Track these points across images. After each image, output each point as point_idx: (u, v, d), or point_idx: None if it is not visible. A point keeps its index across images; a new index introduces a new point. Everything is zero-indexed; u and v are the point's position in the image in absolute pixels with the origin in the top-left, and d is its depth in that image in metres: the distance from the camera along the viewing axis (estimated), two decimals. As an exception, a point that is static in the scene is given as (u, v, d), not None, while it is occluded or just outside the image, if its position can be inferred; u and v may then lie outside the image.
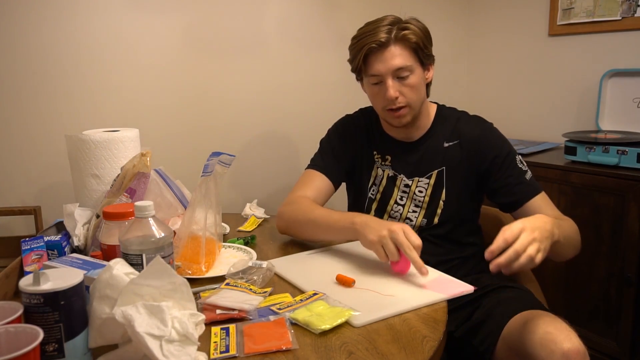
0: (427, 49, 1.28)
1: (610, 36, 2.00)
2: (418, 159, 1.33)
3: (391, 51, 1.22)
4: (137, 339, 0.68)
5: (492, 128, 1.34)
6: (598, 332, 1.75)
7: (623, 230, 1.64)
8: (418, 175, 1.32)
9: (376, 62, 1.24)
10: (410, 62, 1.23)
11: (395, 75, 1.23)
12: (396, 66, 1.22)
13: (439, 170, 1.31)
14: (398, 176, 1.34)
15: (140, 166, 1.18)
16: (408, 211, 1.33)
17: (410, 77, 1.24)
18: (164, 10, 1.84)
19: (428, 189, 1.31)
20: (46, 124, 1.71)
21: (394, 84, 1.23)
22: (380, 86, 1.26)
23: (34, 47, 1.66)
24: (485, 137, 1.30)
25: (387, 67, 1.22)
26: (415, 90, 1.25)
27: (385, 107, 1.27)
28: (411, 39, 1.23)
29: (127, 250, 0.87)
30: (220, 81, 1.98)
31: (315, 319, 0.86)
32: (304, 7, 2.09)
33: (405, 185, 1.33)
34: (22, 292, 0.69)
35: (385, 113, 1.29)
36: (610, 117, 1.99)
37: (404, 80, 1.24)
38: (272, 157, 2.11)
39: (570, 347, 0.93)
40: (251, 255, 1.19)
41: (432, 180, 1.31)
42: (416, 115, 1.29)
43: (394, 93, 1.23)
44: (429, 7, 2.37)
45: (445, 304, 0.95)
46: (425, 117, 1.34)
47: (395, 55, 1.22)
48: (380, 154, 1.37)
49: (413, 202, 1.32)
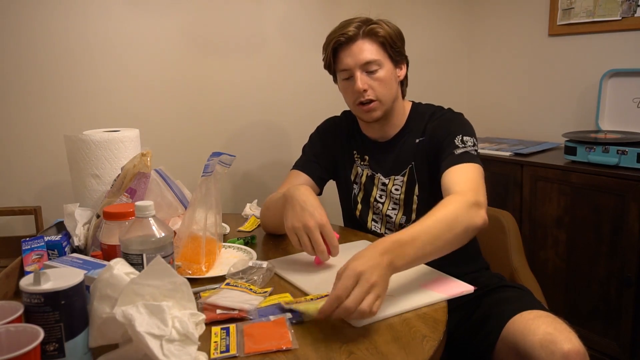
0: (397, 45, 1.28)
1: (610, 36, 2.00)
2: (393, 157, 1.35)
3: (359, 45, 1.25)
4: (137, 338, 0.68)
5: (449, 117, 1.31)
6: (598, 332, 1.75)
7: (623, 230, 1.65)
8: (394, 173, 1.34)
9: (345, 56, 1.26)
10: (378, 57, 1.25)
11: (364, 69, 1.25)
12: (364, 59, 1.24)
13: (410, 166, 1.32)
14: (375, 175, 1.36)
15: (140, 166, 1.18)
16: (388, 208, 1.35)
17: (379, 72, 1.26)
18: (164, 10, 1.84)
19: (403, 187, 1.33)
20: (46, 124, 1.71)
21: (362, 77, 1.25)
22: (350, 81, 1.28)
23: (33, 47, 1.66)
24: (437, 125, 1.30)
25: (355, 61, 1.25)
26: (384, 84, 1.27)
27: (355, 102, 1.29)
28: (379, 33, 1.25)
29: (128, 250, 0.87)
30: (221, 81, 1.98)
31: (313, 304, 0.86)
32: (304, 7, 2.09)
33: (382, 183, 1.35)
34: (23, 291, 0.69)
35: (356, 108, 1.31)
36: (610, 117, 1.99)
37: (372, 74, 1.25)
38: (272, 157, 2.11)
39: (570, 347, 0.93)
40: (251, 255, 1.19)
41: (406, 177, 1.33)
42: (388, 111, 1.30)
43: (362, 85, 1.25)
44: (429, 7, 2.37)
45: (445, 304, 0.95)
46: (399, 115, 1.35)
47: (364, 50, 1.24)
48: (359, 153, 1.40)
49: (391, 200, 1.34)
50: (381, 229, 1.37)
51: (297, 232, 1.07)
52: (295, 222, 1.07)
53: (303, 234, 1.05)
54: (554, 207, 1.84)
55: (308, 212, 1.06)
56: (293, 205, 1.09)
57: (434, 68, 2.45)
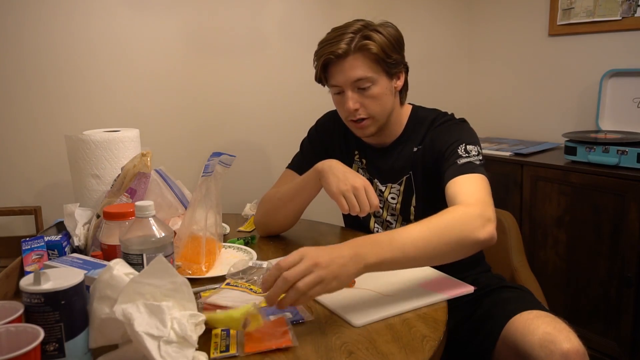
0: (392, 58, 1.19)
1: (610, 36, 2.00)
2: (390, 165, 1.30)
3: (350, 62, 1.17)
4: (135, 338, 0.68)
5: (450, 124, 1.25)
6: (598, 332, 1.75)
7: (623, 230, 1.65)
8: (391, 181, 1.31)
9: (335, 73, 1.20)
10: (370, 74, 1.18)
11: (356, 87, 1.19)
12: (355, 77, 1.17)
13: (407, 176, 1.28)
14: (373, 181, 1.33)
15: (140, 166, 1.19)
16: (387, 217, 1.32)
17: (371, 88, 1.19)
18: (164, 10, 1.84)
19: (399, 196, 1.29)
20: (46, 124, 1.71)
21: (354, 95, 1.19)
22: (342, 96, 1.22)
23: (33, 48, 1.66)
24: (438, 133, 1.24)
25: (346, 78, 1.18)
26: (377, 101, 1.20)
27: (347, 118, 1.25)
28: (371, 49, 1.16)
29: (128, 250, 0.87)
30: (221, 81, 1.98)
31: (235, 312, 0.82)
32: (304, 7, 2.09)
33: (380, 190, 1.32)
34: (23, 291, 0.69)
35: (349, 123, 1.27)
36: (610, 117, 1.99)
37: (365, 91, 1.19)
38: (272, 157, 2.11)
39: (569, 347, 0.93)
40: (251, 255, 1.19)
41: (402, 187, 1.29)
42: (382, 126, 1.25)
43: (353, 105, 1.19)
44: (429, 7, 2.37)
45: (445, 304, 0.95)
46: (396, 123, 1.29)
47: (355, 67, 1.17)
48: (359, 154, 1.37)
49: (389, 210, 1.31)
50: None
51: (345, 194, 1.09)
52: (342, 185, 1.10)
53: (351, 195, 1.09)
54: (554, 207, 1.83)
55: (352, 175, 1.12)
56: (334, 173, 1.13)
57: (434, 68, 2.45)
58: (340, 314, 0.90)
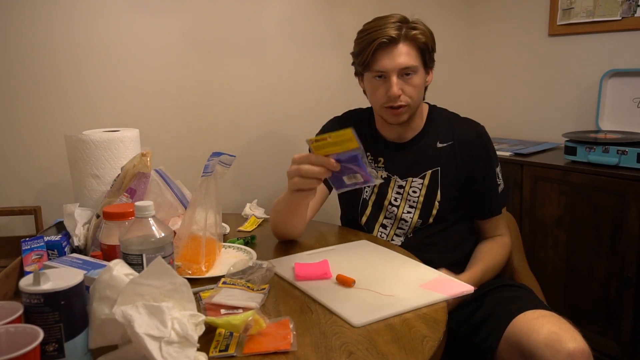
0: (433, 51, 1.29)
1: (610, 36, 2.00)
2: (411, 159, 1.33)
3: (400, 49, 1.22)
4: (136, 339, 0.68)
5: (485, 132, 1.35)
6: (598, 332, 1.75)
7: (623, 230, 1.64)
8: (412, 175, 1.32)
9: (383, 58, 1.23)
10: (416, 63, 1.24)
11: (401, 74, 1.23)
12: (403, 64, 1.22)
13: (434, 170, 1.30)
14: (392, 177, 1.34)
15: (140, 166, 1.18)
16: (402, 212, 1.32)
17: (414, 77, 1.25)
18: (164, 10, 1.84)
19: (422, 189, 1.31)
20: (46, 124, 1.70)
21: (399, 81, 1.23)
22: (382, 81, 1.25)
23: (33, 48, 1.66)
24: (480, 140, 1.31)
25: (394, 64, 1.22)
26: (416, 90, 1.26)
27: (384, 104, 1.27)
28: (420, 39, 1.24)
29: (127, 250, 0.87)
30: (221, 81, 1.98)
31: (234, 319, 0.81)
32: (304, 7, 2.09)
33: (399, 186, 1.33)
34: (22, 292, 0.69)
35: (384, 110, 1.28)
36: (610, 117, 1.99)
37: (408, 78, 1.24)
38: (272, 157, 2.11)
39: (575, 347, 0.93)
40: (251, 255, 1.19)
41: (426, 181, 1.31)
42: (413, 115, 1.30)
43: (398, 91, 1.23)
44: (430, 7, 2.36)
45: (445, 304, 0.95)
46: (419, 117, 1.34)
47: (403, 54, 1.22)
48: (372, 155, 1.37)
49: (407, 202, 1.32)
50: (389, 235, 1.34)
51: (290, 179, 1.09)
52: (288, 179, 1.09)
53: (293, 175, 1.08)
54: (554, 207, 1.83)
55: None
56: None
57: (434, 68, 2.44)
58: (340, 314, 0.90)
